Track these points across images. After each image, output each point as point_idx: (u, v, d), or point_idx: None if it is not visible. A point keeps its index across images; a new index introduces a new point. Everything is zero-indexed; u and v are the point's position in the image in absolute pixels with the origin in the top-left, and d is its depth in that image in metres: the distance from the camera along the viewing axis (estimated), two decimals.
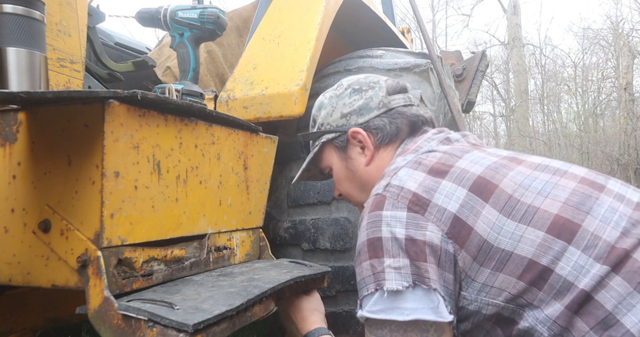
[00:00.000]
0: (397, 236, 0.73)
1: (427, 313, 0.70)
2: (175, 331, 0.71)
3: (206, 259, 1.09)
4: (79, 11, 1.35)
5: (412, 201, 0.76)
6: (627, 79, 11.76)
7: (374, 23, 2.42)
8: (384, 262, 0.73)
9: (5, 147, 0.93)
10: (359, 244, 0.79)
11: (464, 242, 0.72)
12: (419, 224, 0.74)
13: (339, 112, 1.00)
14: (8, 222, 0.91)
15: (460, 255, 0.72)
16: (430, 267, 0.71)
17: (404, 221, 0.74)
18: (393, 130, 0.96)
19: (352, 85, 1.01)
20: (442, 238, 0.72)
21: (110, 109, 0.83)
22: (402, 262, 0.72)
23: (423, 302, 0.71)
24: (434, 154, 0.85)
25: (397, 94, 0.99)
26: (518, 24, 12.81)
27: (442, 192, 0.76)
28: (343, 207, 1.58)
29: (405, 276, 0.71)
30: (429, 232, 0.73)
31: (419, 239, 0.72)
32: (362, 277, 0.76)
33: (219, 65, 2.04)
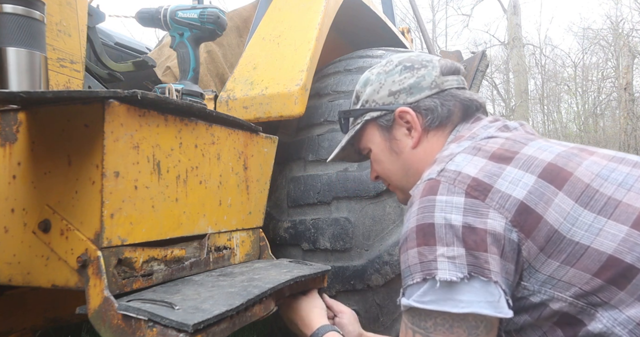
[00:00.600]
0: (452, 223, 0.67)
1: (485, 307, 0.64)
2: (175, 331, 0.71)
3: (206, 259, 1.09)
4: (79, 11, 1.35)
5: (471, 185, 0.69)
6: (627, 79, 11.75)
7: (374, 23, 2.42)
8: (436, 251, 0.67)
9: (5, 147, 0.93)
10: (406, 230, 0.72)
11: (530, 231, 0.65)
12: (479, 211, 0.67)
13: (386, 89, 0.93)
14: (8, 222, 0.91)
15: (525, 245, 0.66)
16: (491, 258, 0.65)
17: (461, 207, 0.67)
18: (444, 112, 0.88)
19: (404, 62, 0.94)
20: (506, 226, 0.66)
21: (110, 109, 0.83)
22: (457, 252, 0.65)
23: (480, 295, 0.64)
24: (494, 140, 0.78)
25: (451, 75, 0.92)
26: (518, 24, 12.82)
27: (507, 179, 0.69)
28: (343, 207, 1.58)
29: (459, 267, 0.65)
30: (490, 220, 0.66)
31: (479, 227, 0.66)
32: (408, 265, 0.70)
33: (219, 65, 2.04)
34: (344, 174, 1.59)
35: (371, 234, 1.54)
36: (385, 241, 1.53)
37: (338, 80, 1.81)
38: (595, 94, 15.27)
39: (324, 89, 1.80)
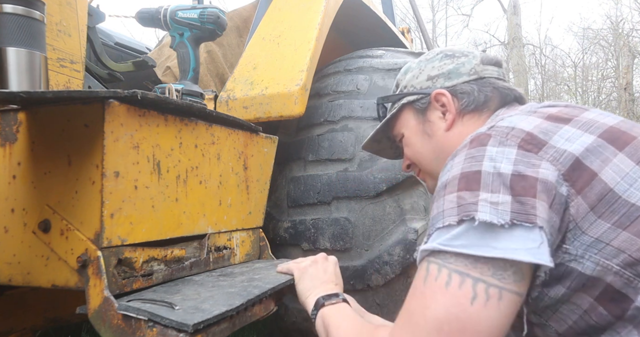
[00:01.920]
0: (501, 171, 0.62)
1: (522, 254, 0.58)
2: (175, 331, 0.71)
3: (206, 259, 1.09)
4: (79, 11, 1.35)
5: (525, 139, 0.65)
6: (627, 79, 11.76)
7: (374, 23, 2.42)
8: (479, 196, 0.61)
9: (5, 147, 0.93)
10: (445, 179, 0.67)
11: (582, 187, 0.61)
12: (531, 162, 0.62)
13: (425, 74, 0.93)
14: (8, 222, 0.91)
15: (575, 201, 0.61)
16: (539, 204, 0.59)
17: (513, 158, 0.63)
18: (481, 98, 0.87)
19: (445, 51, 0.94)
20: (558, 178, 0.61)
21: (110, 109, 0.83)
22: (501, 198, 0.60)
23: (520, 242, 0.59)
24: (548, 107, 0.74)
25: (491, 65, 0.91)
26: (518, 24, 12.82)
27: (563, 136, 0.65)
28: (343, 207, 1.58)
29: (502, 213, 0.59)
30: (542, 169, 0.61)
31: (530, 175, 0.61)
32: (441, 210, 0.64)
33: (219, 65, 2.05)
34: (344, 174, 1.59)
35: (371, 234, 1.54)
36: (385, 241, 1.53)
37: (338, 80, 1.81)
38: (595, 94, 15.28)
39: (324, 89, 1.80)
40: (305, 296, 0.96)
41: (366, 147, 1.10)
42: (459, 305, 0.59)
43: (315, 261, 1.04)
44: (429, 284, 0.62)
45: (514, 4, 12.75)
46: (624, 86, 11.53)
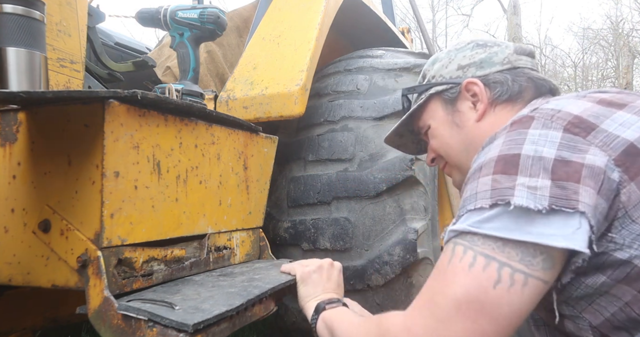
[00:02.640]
0: (543, 155, 0.58)
1: (558, 240, 0.55)
2: (175, 331, 0.71)
3: (206, 259, 1.09)
4: (79, 11, 1.35)
5: (572, 122, 0.61)
6: (627, 79, 11.76)
7: (374, 23, 2.42)
8: (516, 180, 0.58)
9: (5, 147, 0.93)
10: (481, 161, 0.65)
11: (637, 173, 0.57)
12: (577, 147, 0.59)
13: (456, 63, 0.89)
14: (8, 222, 0.91)
15: (627, 188, 0.57)
16: (583, 189, 0.56)
17: (557, 141, 0.59)
18: (515, 88, 0.83)
19: (476, 41, 0.91)
20: (608, 164, 0.57)
21: (110, 109, 0.83)
22: (540, 183, 0.57)
23: (557, 228, 0.56)
24: (600, 93, 0.69)
25: (525, 55, 0.87)
26: (518, 24, 12.81)
27: (617, 121, 0.61)
28: (343, 207, 1.58)
29: (540, 198, 0.56)
30: (590, 155, 0.58)
31: (575, 161, 0.57)
32: (474, 192, 0.61)
33: (219, 65, 2.05)
34: (344, 174, 1.59)
35: (371, 234, 1.54)
36: (385, 241, 1.53)
37: (338, 80, 1.81)
38: None
39: (324, 89, 1.80)
40: (306, 301, 0.97)
41: (388, 140, 1.06)
42: (480, 287, 0.57)
43: (321, 266, 1.02)
44: (453, 264, 0.60)
45: (514, 4, 12.74)
46: (624, 86, 11.53)
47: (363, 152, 1.60)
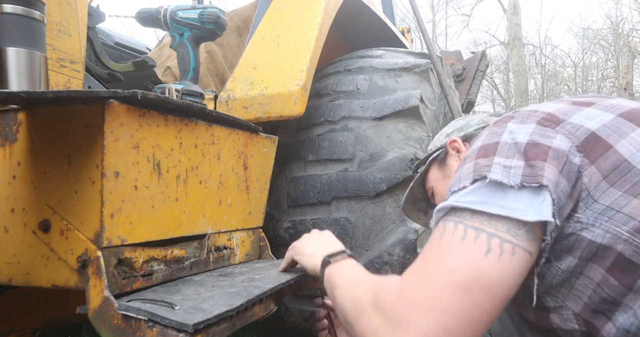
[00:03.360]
0: (517, 141, 0.65)
1: (529, 215, 0.60)
2: (175, 331, 0.71)
3: (206, 259, 1.09)
4: (79, 11, 1.35)
5: (545, 117, 0.69)
6: (627, 79, 11.76)
7: (374, 23, 2.42)
8: (493, 160, 0.65)
9: (5, 147, 0.93)
10: (465, 155, 0.72)
11: (596, 157, 0.63)
12: (547, 134, 0.66)
13: (444, 134, 1.16)
14: (8, 222, 0.91)
15: (588, 171, 0.63)
16: (548, 167, 0.61)
17: (531, 131, 0.66)
18: None
19: (459, 118, 1.19)
20: (571, 149, 0.63)
21: (110, 109, 0.83)
22: (514, 163, 0.63)
23: (527, 203, 0.61)
24: (576, 98, 0.77)
25: (497, 116, 1.05)
26: (518, 24, 12.82)
27: (583, 115, 0.68)
28: (343, 207, 1.58)
29: (513, 176, 0.62)
30: (556, 140, 0.64)
31: (544, 143, 0.64)
32: (458, 178, 0.68)
33: (219, 65, 2.05)
34: (344, 174, 1.59)
35: (371, 234, 1.54)
36: (385, 241, 1.53)
37: (338, 80, 1.81)
38: None
39: (324, 89, 1.80)
40: (313, 261, 0.91)
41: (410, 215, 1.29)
42: (474, 257, 0.60)
43: (309, 234, 1.02)
44: (446, 238, 0.63)
45: (514, 4, 12.74)
46: (624, 86, 11.53)
47: (363, 152, 1.60)
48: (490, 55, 12.72)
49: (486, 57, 2.79)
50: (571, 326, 0.67)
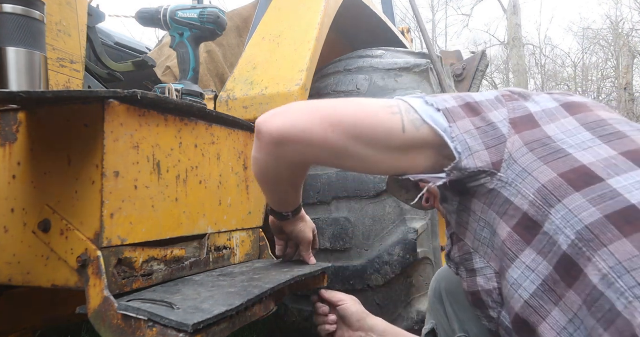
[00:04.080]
0: (475, 99, 0.77)
1: (426, 117, 0.74)
2: (175, 331, 0.71)
3: (206, 259, 1.09)
4: (79, 11, 1.35)
5: (513, 92, 0.78)
6: (627, 79, 11.76)
7: (374, 23, 2.42)
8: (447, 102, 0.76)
9: (5, 147, 0.93)
10: None
11: (522, 130, 0.71)
12: (497, 104, 0.75)
13: None
14: (8, 222, 0.91)
15: (512, 138, 0.71)
16: (464, 121, 0.73)
17: (492, 98, 0.77)
18: None
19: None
20: (503, 120, 0.73)
21: (110, 109, 0.83)
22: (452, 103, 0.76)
23: (432, 115, 0.74)
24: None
25: None
26: (518, 24, 12.81)
27: (536, 100, 0.76)
28: (343, 207, 1.58)
29: (441, 104, 0.76)
30: (497, 112, 0.74)
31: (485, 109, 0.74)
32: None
33: (219, 65, 2.05)
34: (344, 174, 1.59)
35: (371, 234, 1.54)
36: (385, 241, 1.53)
37: (338, 80, 1.81)
38: (595, 94, 15.29)
39: (324, 89, 1.80)
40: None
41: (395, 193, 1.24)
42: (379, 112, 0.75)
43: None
44: (380, 102, 0.77)
45: (514, 4, 12.74)
46: (624, 86, 11.53)
47: None
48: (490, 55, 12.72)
49: (486, 57, 2.79)
50: (492, 285, 0.74)
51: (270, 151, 0.80)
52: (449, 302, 1.01)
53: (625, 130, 0.68)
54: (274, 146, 0.78)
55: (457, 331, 1.00)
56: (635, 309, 0.53)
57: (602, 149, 0.65)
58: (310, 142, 0.74)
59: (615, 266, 0.56)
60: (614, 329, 0.55)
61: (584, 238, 0.59)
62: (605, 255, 0.57)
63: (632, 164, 0.62)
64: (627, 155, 0.63)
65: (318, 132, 0.73)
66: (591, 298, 0.58)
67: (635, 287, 0.54)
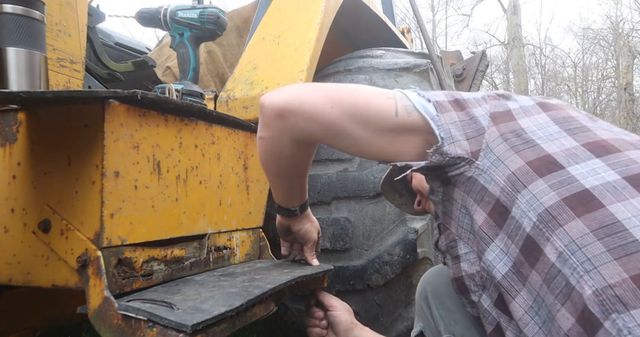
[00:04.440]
0: (463, 97, 0.82)
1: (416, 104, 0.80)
2: (174, 331, 0.71)
3: (206, 259, 1.09)
4: (79, 11, 1.35)
5: (498, 94, 0.84)
6: (627, 79, 11.77)
7: (374, 23, 2.42)
8: (439, 96, 0.82)
9: (5, 147, 0.93)
10: None
11: (499, 123, 0.77)
12: (481, 101, 0.81)
13: None
14: (8, 222, 0.91)
15: (491, 129, 0.76)
16: (450, 112, 0.78)
17: (479, 97, 0.82)
18: None
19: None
20: (484, 114, 0.78)
21: (110, 109, 0.83)
22: (442, 98, 0.81)
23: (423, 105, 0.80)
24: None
25: None
26: (518, 24, 12.81)
27: (518, 101, 0.82)
28: (343, 207, 1.58)
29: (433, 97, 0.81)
30: (480, 108, 0.80)
31: (470, 105, 0.80)
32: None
33: (219, 65, 2.04)
34: (344, 174, 1.59)
35: (371, 234, 1.54)
36: (385, 241, 1.53)
37: (338, 80, 1.81)
38: (595, 94, 15.30)
39: None
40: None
41: (389, 198, 1.28)
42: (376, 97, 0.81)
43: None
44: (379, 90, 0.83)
45: (514, 4, 12.73)
46: (624, 86, 11.54)
47: None
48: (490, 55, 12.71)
49: (486, 57, 2.79)
50: (474, 269, 0.78)
51: (272, 125, 0.85)
52: (434, 305, 1.03)
53: (589, 125, 0.74)
54: (275, 119, 0.84)
55: (442, 333, 1.02)
56: (585, 283, 0.58)
57: (566, 140, 0.71)
58: (310, 115, 0.79)
59: (569, 244, 0.61)
60: (569, 304, 0.60)
61: (544, 219, 0.65)
62: (561, 234, 0.62)
63: (590, 153, 0.68)
64: (587, 146, 0.69)
65: (319, 107, 0.79)
66: (550, 276, 0.63)
67: (585, 262, 0.59)
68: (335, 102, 0.79)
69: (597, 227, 0.60)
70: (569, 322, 0.59)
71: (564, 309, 0.60)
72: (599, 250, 0.59)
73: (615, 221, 0.59)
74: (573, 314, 0.59)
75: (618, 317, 0.55)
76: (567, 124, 0.74)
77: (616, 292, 0.56)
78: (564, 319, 0.60)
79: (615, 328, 0.55)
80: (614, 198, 0.62)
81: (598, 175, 0.65)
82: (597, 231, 0.60)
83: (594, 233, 0.60)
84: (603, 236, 0.59)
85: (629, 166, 0.65)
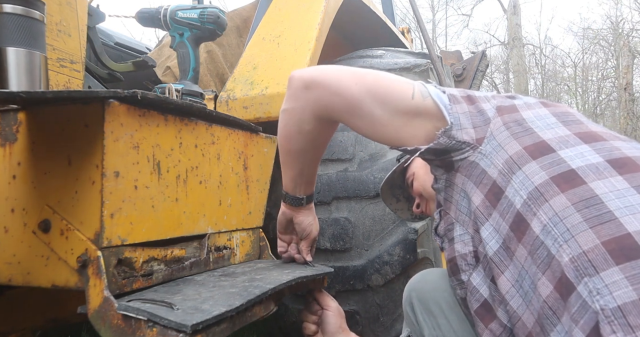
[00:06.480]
0: (472, 94, 0.87)
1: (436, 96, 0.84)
2: (174, 331, 0.71)
3: (206, 259, 1.09)
4: (79, 11, 1.35)
5: (506, 95, 0.89)
6: (627, 79, 11.76)
7: (374, 23, 2.42)
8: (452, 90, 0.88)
9: (5, 147, 0.93)
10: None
11: (504, 114, 0.82)
12: (490, 99, 0.86)
13: None
14: (8, 222, 0.91)
15: (495, 120, 0.82)
16: (462, 104, 0.83)
17: (489, 95, 0.88)
18: None
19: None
20: (491, 108, 0.84)
21: (110, 109, 0.83)
22: (456, 92, 0.87)
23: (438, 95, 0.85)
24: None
25: None
26: (518, 24, 12.81)
27: (522, 99, 0.87)
28: (343, 207, 1.58)
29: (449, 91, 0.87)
30: (488, 103, 0.85)
31: (480, 101, 0.85)
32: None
33: (219, 65, 2.04)
34: (344, 174, 1.60)
35: (371, 234, 1.54)
36: (385, 241, 1.53)
37: None
38: (595, 94, 15.30)
39: None
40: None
41: (386, 200, 1.31)
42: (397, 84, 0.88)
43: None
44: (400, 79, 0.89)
45: (514, 4, 12.73)
46: (624, 86, 11.54)
47: (363, 152, 1.60)
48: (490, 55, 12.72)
49: (486, 57, 2.79)
50: (467, 249, 0.83)
51: (298, 95, 0.90)
52: (419, 310, 1.05)
53: (583, 120, 0.81)
54: (302, 89, 0.89)
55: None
56: (564, 251, 0.63)
57: (560, 129, 0.77)
58: (335, 89, 0.86)
59: (553, 217, 0.66)
60: (549, 272, 0.64)
61: (533, 196, 0.70)
62: (546, 208, 0.67)
63: (580, 140, 0.74)
64: (578, 135, 0.75)
65: (344, 82, 0.86)
66: (534, 247, 0.68)
67: (565, 232, 0.64)
68: (359, 80, 0.86)
69: (577, 201, 0.65)
70: (548, 289, 0.64)
71: (544, 277, 0.65)
72: (577, 220, 0.64)
73: (593, 195, 0.65)
74: (552, 281, 0.64)
75: (589, 280, 0.59)
76: (564, 117, 0.80)
77: (589, 257, 0.60)
78: (543, 287, 0.65)
79: (587, 290, 0.59)
80: (595, 177, 0.67)
81: (584, 158, 0.70)
82: (577, 204, 0.65)
83: (574, 205, 0.65)
84: (582, 207, 0.64)
85: (612, 152, 0.71)
